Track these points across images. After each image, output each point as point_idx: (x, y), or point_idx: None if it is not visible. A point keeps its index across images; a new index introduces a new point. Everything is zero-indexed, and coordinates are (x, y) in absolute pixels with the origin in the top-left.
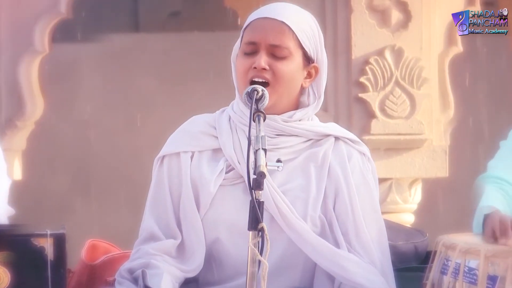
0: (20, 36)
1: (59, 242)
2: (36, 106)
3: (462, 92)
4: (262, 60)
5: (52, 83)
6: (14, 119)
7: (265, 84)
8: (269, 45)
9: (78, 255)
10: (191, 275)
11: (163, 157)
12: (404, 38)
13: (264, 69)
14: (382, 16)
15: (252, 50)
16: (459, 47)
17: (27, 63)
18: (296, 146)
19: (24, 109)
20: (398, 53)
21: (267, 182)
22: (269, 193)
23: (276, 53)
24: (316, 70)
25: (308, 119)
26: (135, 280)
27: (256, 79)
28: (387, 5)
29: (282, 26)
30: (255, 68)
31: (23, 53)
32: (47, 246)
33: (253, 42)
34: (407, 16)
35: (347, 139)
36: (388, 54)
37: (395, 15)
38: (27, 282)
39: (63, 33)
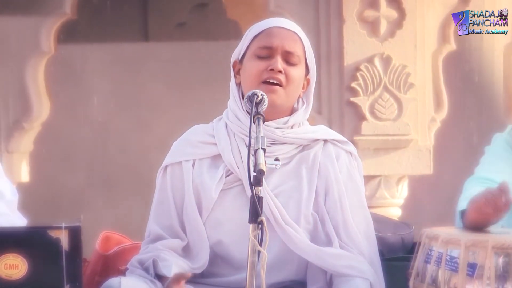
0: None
1: (74, 234)
2: (42, 107)
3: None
4: (279, 63)
5: (59, 84)
6: (21, 121)
7: (277, 85)
8: (285, 51)
9: (93, 246)
10: (197, 271)
11: (166, 166)
12: (392, 46)
13: (280, 71)
14: (371, 26)
15: (267, 54)
16: (452, 45)
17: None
18: (289, 152)
19: (31, 111)
20: (386, 61)
21: (263, 187)
22: (264, 197)
23: (289, 59)
24: (308, 82)
25: (299, 125)
26: (146, 270)
27: (271, 80)
28: (376, 16)
29: (295, 36)
30: (271, 70)
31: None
32: (62, 237)
33: (269, 47)
34: (398, 23)
35: (335, 140)
36: (377, 62)
37: (384, 26)
38: (43, 270)
39: (70, 36)
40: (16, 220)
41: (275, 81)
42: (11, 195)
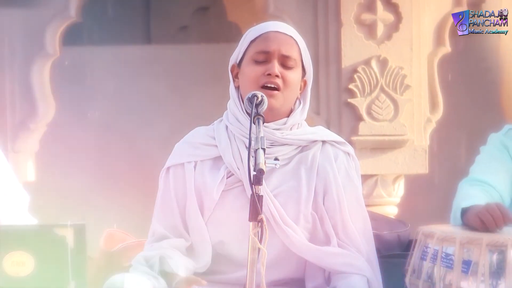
0: (32, 39)
1: (79, 232)
2: (48, 108)
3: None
4: (276, 68)
5: (64, 86)
6: (27, 121)
7: (275, 90)
8: (281, 55)
9: (98, 243)
10: (200, 270)
11: (169, 168)
12: (389, 49)
13: (277, 76)
14: (368, 29)
15: (264, 59)
16: (447, 47)
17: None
18: (289, 153)
19: (37, 112)
20: (383, 63)
21: (262, 188)
22: (264, 198)
23: (286, 63)
24: (305, 83)
25: (298, 127)
26: (150, 267)
27: (269, 85)
28: (373, 19)
29: (291, 40)
30: (268, 74)
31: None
32: (68, 235)
33: (266, 52)
34: (394, 26)
35: (333, 141)
36: (374, 64)
37: (381, 28)
38: (49, 267)
39: (75, 38)
40: (26, 221)
41: (273, 86)
42: (21, 196)
